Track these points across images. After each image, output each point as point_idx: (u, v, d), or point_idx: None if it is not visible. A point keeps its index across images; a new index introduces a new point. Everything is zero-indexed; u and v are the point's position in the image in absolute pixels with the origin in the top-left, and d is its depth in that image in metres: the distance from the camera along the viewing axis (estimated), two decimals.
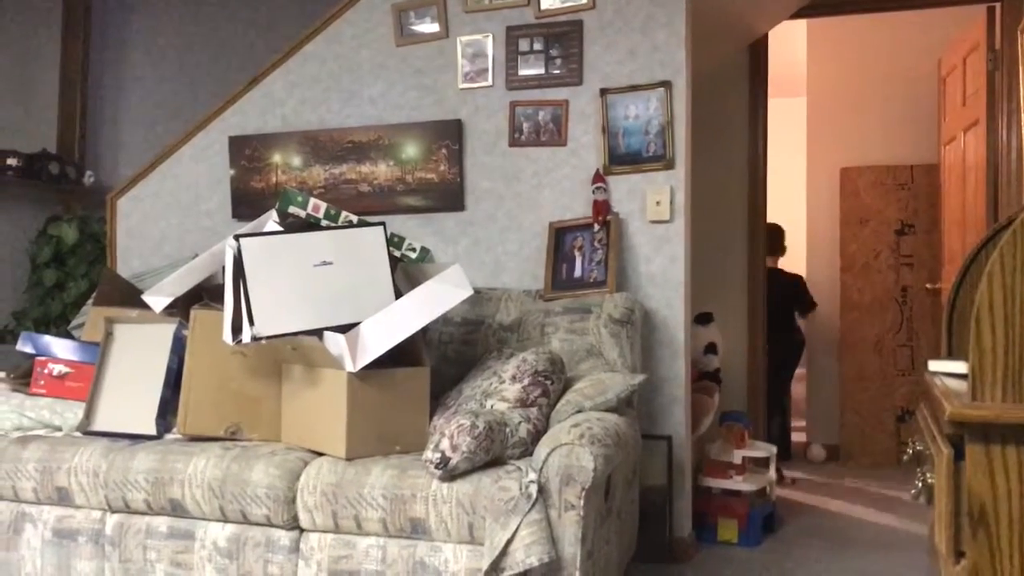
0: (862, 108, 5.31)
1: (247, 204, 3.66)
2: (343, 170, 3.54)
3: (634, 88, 3.23)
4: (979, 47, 4.15)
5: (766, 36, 4.36)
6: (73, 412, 2.95)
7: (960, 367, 1.73)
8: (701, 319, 3.88)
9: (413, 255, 3.40)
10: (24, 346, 3.09)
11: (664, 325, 3.22)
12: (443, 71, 3.46)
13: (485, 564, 2.20)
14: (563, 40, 3.31)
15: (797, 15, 4.18)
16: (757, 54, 4.40)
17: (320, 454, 2.57)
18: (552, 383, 2.60)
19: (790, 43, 5.44)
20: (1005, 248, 1.35)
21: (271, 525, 2.49)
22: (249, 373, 2.77)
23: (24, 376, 3.12)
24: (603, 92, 3.26)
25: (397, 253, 3.38)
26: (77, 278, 4.57)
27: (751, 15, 3.91)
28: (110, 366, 2.92)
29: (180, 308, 2.95)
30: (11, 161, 4.49)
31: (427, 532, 2.33)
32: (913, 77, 5.20)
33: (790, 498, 4.31)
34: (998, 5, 4.00)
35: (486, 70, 3.40)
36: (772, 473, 3.81)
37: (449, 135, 3.41)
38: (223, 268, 2.78)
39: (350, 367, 2.48)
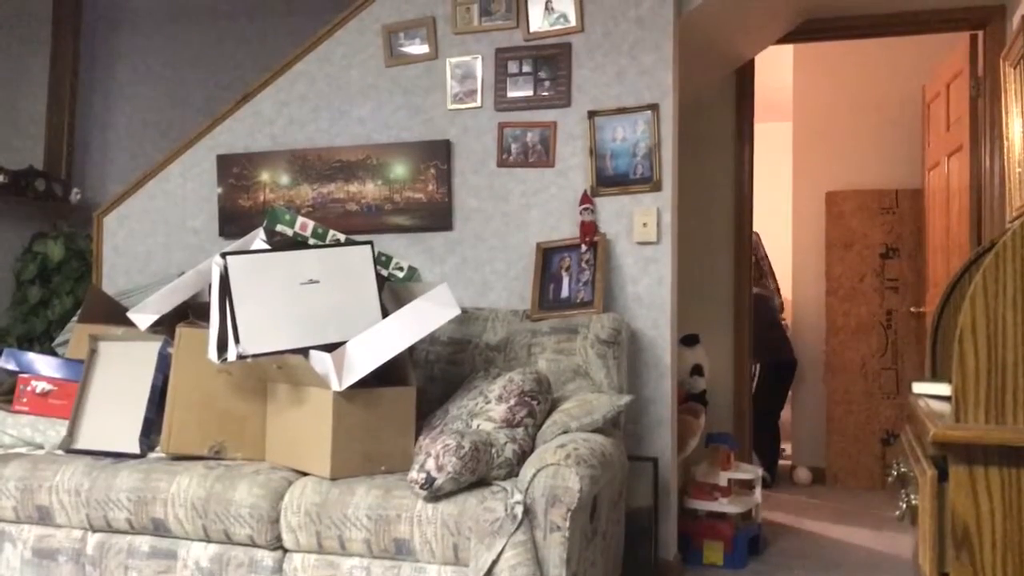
0: (847, 133, 5.36)
1: (234, 222, 3.65)
2: (331, 189, 3.54)
3: (622, 111, 3.26)
4: (962, 74, 4.20)
5: (753, 61, 4.40)
6: (56, 430, 2.93)
7: (944, 389, 1.74)
8: (687, 341, 3.89)
9: (400, 274, 3.40)
10: (7, 363, 3.07)
11: (651, 346, 3.22)
12: (432, 91, 3.48)
13: None
14: (552, 62, 3.33)
15: (783, 40, 4.23)
16: (744, 78, 4.44)
17: (305, 474, 2.55)
18: (538, 403, 2.60)
19: (776, 68, 5.49)
20: (988, 271, 1.36)
21: (254, 545, 2.47)
22: (234, 391, 2.75)
23: (7, 394, 3.10)
24: (591, 114, 3.29)
25: (384, 272, 3.38)
26: (62, 295, 4.54)
27: (738, 40, 3.95)
28: (94, 384, 2.90)
29: (166, 326, 2.94)
30: None
31: (412, 553, 2.32)
32: (898, 103, 5.26)
33: (776, 520, 4.31)
34: (980, 33, 4.06)
35: (475, 91, 3.42)
36: (758, 496, 3.80)
37: (438, 155, 3.42)
38: (209, 286, 2.77)
39: (336, 386, 2.47)
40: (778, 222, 5.87)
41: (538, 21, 3.35)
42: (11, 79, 4.78)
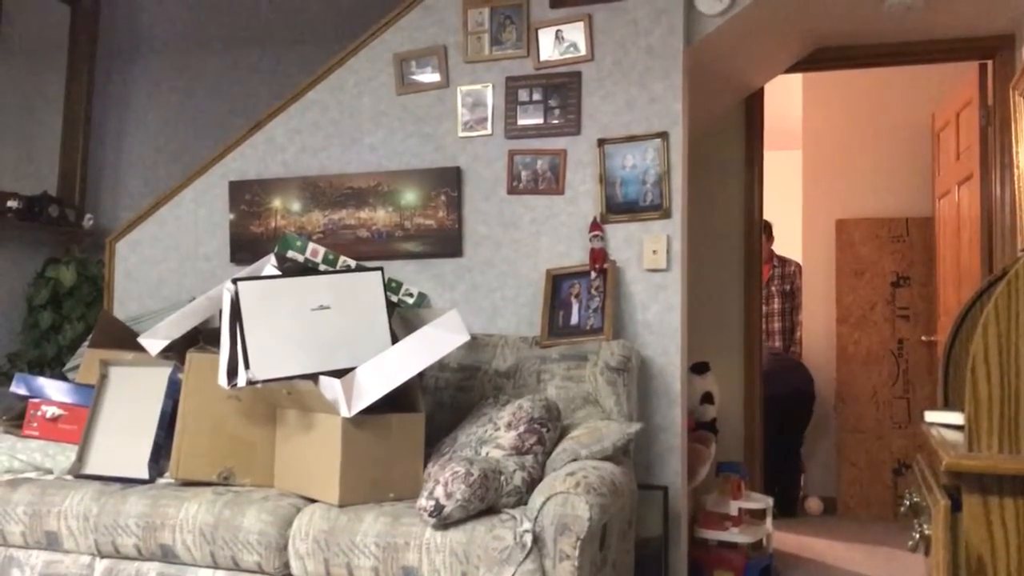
0: (857, 161, 5.36)
1: (246, 248, 3.67)
2: (342, 215, 3.56)
3: (631, 138, 3.27)
4: (972, 103, 4.21)
5: (762, 89, 4.42)
6: (65, 455, 2.93)
7: (956, 418, 1.73)
8: (697, 368, 3.87)
9: (410, 300, 3.41)
10: (18, 388, 3.08)
11: (661, 374, 3.21)
12: (443, 119, 3.50)
13: None
14: (562, 91, 3.35)
15: (793, 69, 4.25)
16: (753, 107, 4.46)
17: (313, 500, 2.55)
18: (548, 431, 2.59)
19: (786, 96, 5.51)
20: (999, 300, 1.36)
21: (262, 572, 2.45)
22: (243, 417, 2.75)
23: (17, 418, 3.10)
24: (601, 142, 3.30)
25: (394, 298, 3.38)
26: (73, 320, 4.56)
27: (747, 69, 3.97)
28: (104, 409, 2.90)
29: (176, 351, 2.95)
30: (11, 203, 4.50)
31: None
32: (907, 131, 5.26)
33: (787, 550, 4.26)
34: (990, 62, 4.07)
35: (485, 119, 3.44)
36: (769, 525, 3.77)
37: (448, 182, 3.44)
38: (220, 312, 2.78)
39: (345, 412, 2.47)
40: (788, 250, 5.86)
41: (548, 50, 3.37)
42: (26, 106, 4.83)
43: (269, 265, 3.02)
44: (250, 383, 2.55)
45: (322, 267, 3.21)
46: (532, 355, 3.11)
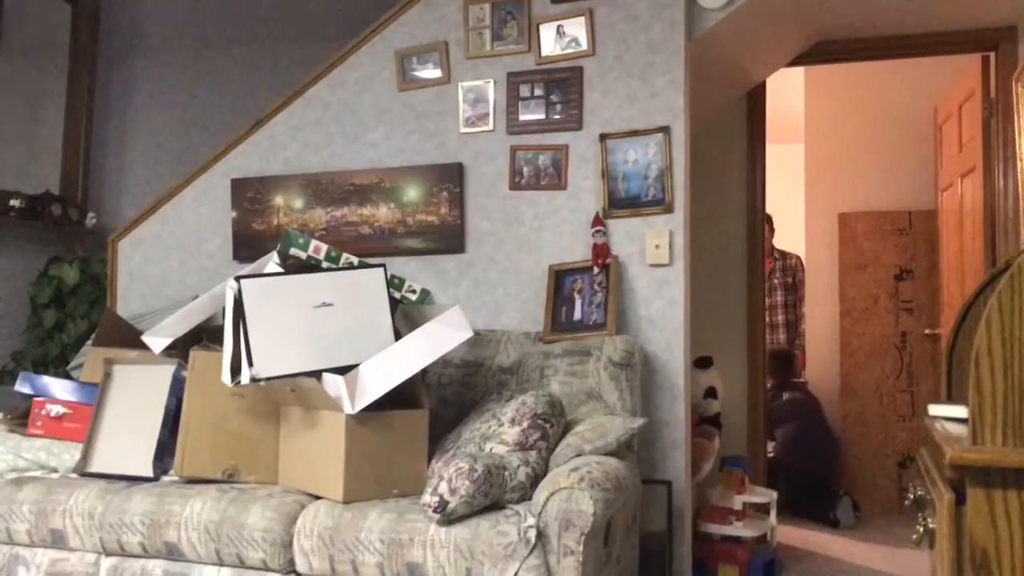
0: (860, 154, 5.35)
1: (248, 246, 3.67)
2: (344, 212, 3.56)
3: (633, 133, 3.27)
4: (975, 95, 4.20)
5: (764, 83, 4.41)
6: (70, 453, 2.94)
7: (960, 411, 1.73)
8: (701, 363, 3.87)
9: (413, 297, 3.41)
10: (22, 387, 3.08)
11: (664, 368, 3.21)
12: (445, 115, 3.50)
13: None
14: (563, 86, 3.35)
15: (794, 63, 4.24)
16: (755, 100, 4.44)
17: (317, 497, 2.55)
18: (551, 426, 2.59)
19: (788, 90, 5.50)
20: (1003, 293, 1.35)
21: (267, 569, 2.46)
22: (247, 415, 2.76)
23: (22, 417, 3.11)
24: (603, 137, 3.30)
25: (397, 295, 3.38)
26: (77, 319, 4.57)
27: (749, 63, 3.96)
28: (108, 407, 2.91)
29: (179, 349, 2.95)
30: (14, 202, 4.51)
31: None
32: (910, 124, 5.25)
33: (791, 544, 4.26)
34: (992, 54, 4.06)
35: (487, 115, 3.44)
36: (774, 519, 3.77)
37: (450, 178, 3.44)
38: (223, 309, 2.78)
39: (348, 409, 2.47)
40: (791, 243, 5.86)
41: (550, 45, 3.37)
42: (29, 105, 4.84)
43: (272, 263, 3.03)
44: (253, 381, 2.55)
45: (324, 264, 3.21)
46: (535, 351, 3.11)
